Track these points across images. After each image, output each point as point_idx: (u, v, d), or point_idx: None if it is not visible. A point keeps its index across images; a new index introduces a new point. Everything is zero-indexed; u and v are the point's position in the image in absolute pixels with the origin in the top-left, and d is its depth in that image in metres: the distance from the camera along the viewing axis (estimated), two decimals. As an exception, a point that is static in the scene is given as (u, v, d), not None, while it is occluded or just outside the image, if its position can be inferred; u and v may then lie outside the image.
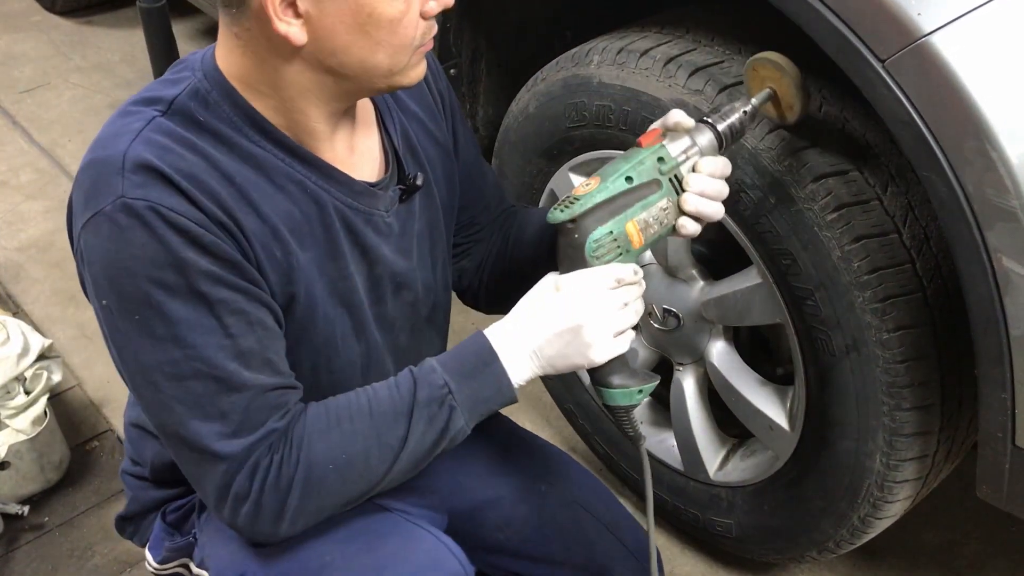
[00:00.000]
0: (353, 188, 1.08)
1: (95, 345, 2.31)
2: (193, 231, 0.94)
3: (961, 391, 1.29)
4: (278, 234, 1.02)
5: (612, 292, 1.03)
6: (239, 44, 0.99)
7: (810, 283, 1.28)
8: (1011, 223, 1.00)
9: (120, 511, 1.36)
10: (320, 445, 1.00)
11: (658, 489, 1.73)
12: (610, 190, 1.03)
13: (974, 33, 0.99)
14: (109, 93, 3.42)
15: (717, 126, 1.08)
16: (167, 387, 0.96)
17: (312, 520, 1.03)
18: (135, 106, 1.02)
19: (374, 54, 0.97)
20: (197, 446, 0.98)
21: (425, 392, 1.02)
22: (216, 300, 0.96)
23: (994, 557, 1.75)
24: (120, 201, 0.94)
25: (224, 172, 0.98)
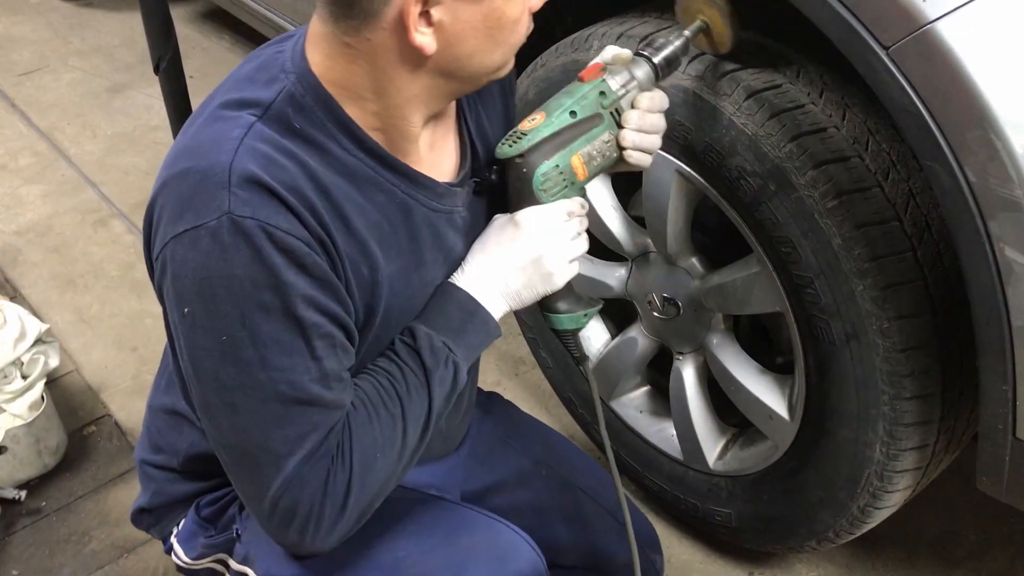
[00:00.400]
0: (437, 191, 1.07)
1: (93, 330, 2.31)
2: (298, 251, 0.92)
3: (962, 381, 1.28)
4: (366, 250, 1.00)
5: (565, 224, 1.08)
6: (349, 52, 0.95)
7: (810, 271, 1.27)
8: (1014, 213, 0.99)
9: (140, 502, 1.32)
10: (368, 440, 0.99)
11: (657, 478, 1.73)
12: (555, 125, 1.06)
13: (980, 20, 0.98)
14: (108, 76, 3.41)
15: (653, 59, 1.11)
16: (245, 407, 0.95)
17: (364, 516, 1.02)
18: (228, 110, 0.98)
19: (492, 55, 0.98)
20: (266, 465, 0.96)
21: (431, 359, 1.03)
22: (309, 324, 0.94)
23: (993, 548, 1.74)
24: (227, 218, 0.90)
25: (321, 184, 0.96)
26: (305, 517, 0.97)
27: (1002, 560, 1.72)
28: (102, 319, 2.35)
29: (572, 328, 1.14)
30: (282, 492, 0.96)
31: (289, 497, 0.96)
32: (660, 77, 1.11)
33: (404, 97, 0.99)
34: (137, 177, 2.87)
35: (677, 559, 1.76)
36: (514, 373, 2.17)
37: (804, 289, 1.29)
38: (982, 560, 1.72)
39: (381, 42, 0.94)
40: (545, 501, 1.37)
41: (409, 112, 1.00)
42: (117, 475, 1.93)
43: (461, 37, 0.94)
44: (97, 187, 2.83)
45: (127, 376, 2.17)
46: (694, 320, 1.55)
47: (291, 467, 0.96)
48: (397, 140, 1.02)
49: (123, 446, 2.00)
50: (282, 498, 0.97)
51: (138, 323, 2.33)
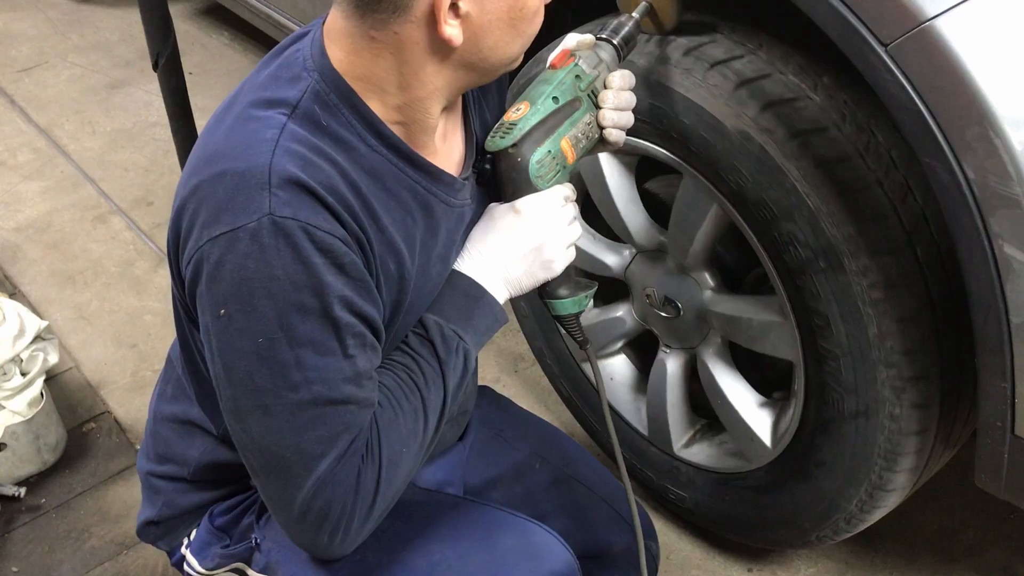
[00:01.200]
0: (455, 187, 1.08)
1: (92, 326, 2.31)
2: (337, 250, 0.93)
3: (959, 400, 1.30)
4: (394, 246, 1.01)
5: (563, 209, 1.09)
6: (373, 46, 0.95)
7: (838, 348, 1.27)
8: (1013, 210, 0.99)
9: (147, 515, 1.29)
10: (394, 436, 1.00)
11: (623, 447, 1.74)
12: (541, 112, 1.08)
13: (978, 18, 0.98)
14: (107, 73, 3.41)
15: (613, 40, 1.15)
16: (279, 409, 0.94)
17: (386, 511, 1.02)
18: (257, 110, 0.97)
19: (513, 46, 1.00)
20: (297, 466, 0.95)
21: (443, 348, 1.04)
22: (344, 324, 0.94)
23: (992, 544, 1.74)
24: (268, 219, 0.90)
25: (353, 182, 0.96)
26: (337, 518, 0.97)
27: (1001, 557, 1.72)
28: (101, 316, 2.35)
29: (575, 312, 1.16)
30: (314, 493, 0.96)
31: (321, 498, 0.96)
32: (622, 57, 1.16)
33: (427, 90, 0.99)
34: (136, 173, 2.87)
35: (676, 555, 1.76)
36: (513, 369, 2.17)
37: (827, 360, 1.30)
38: (980, 557, 1.73)
39: (408, 35, 0.94)
40: (542, 492, 1.37)
41: (431, 104, 1.01)
42: (116, 472, 1.93)
43: (487, 29, 0.96)
44: (96, 183, 2.83)
45: (126, 373, 2.18)
46: (692, 326, 1.55)
47: (323, 468, 0.95)
48: (417, 133, 1.03)
49: (122, 443, 2.00)
50: (314, 499, 0.96)
51: (137, 319, 2.33)
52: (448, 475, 1.29)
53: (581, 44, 1.13)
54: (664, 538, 1.76)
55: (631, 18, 1.18)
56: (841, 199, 1.21)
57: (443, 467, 1.29)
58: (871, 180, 1.21)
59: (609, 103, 1.11)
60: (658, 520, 1.78)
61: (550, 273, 1.10)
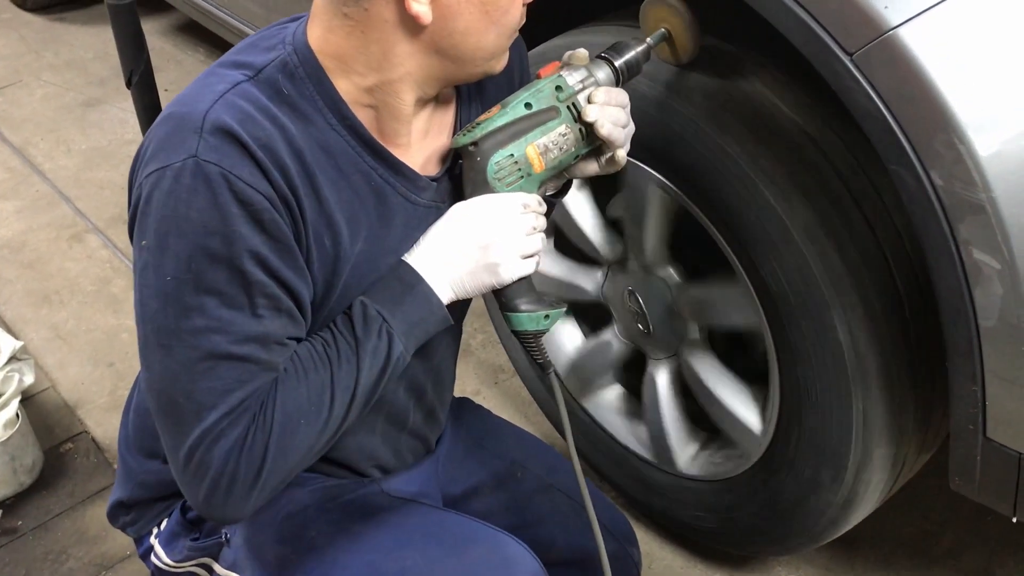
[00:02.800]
0: (418, 183, 1.08)
1: (69, 346, 2.29)
2: (257, 204, 0.93)
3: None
4: (332, 222, 1.01)
5: (520, 215, 1.06)
6: (346, 23, 0.97)
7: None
8: (980, 216, 1.00)
9: (118, 495, 1.28)
10: (292, 402, 0.98)
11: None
12: (509, 115, 1.06)
13: (941, 26, 0.99)
14: (82, 91, 3.39)
15: (614, 62, 1.12)
16: (178, 352, 0.95)
17: (280, 484, 1.00)
18: (222, 68, 1.01)
19: (487, 35, 1.00)
20: (187, 414, 0.96)
21: (362, 327, 1.02)
22: (254, 280, 0.94)
23: (970, 547, 1.76)
24: (192, 160, 0.92)
25: (296, 148, 0.97)
26: (218, 474, 0.96)
27: (979, 558, 1.74)
28: (78, 335, 2.33)
29: (532, 330, 1.11)
30: (198, 443, 0.96)
31: (204, 450, 0.96)
32: (620, 81, 1.13)
33: (398, 73, 1.00)
34: (112, 191, 2.86)
35: (659, 563, 1.76)
36: (493, 381, 2.17)
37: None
38: (959, 559, 1.74)
39: (378, 12, 0.96)
40: (523, 501, 1.37)
41: (402, 89, 1.01)
42: (95, 492, 1.92)
43: (456, 10, 0.96)
44: (72, 202, 2.81)
45: (104, 392, 2.16)
46: (670, 325, 1.55)
47: (211, 420, 0.95)
48: (388, 120, 1.03)
49: (100, 462, 1.98)
50: (197, 449, 0.96)
51: (114, 338, 2.31)
52: (423, 486, 1.28)
53: (573, 57, 1.11)
54: (647, 546, 1.77)
55: (642, 42, 1.14)
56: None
57: (416, 478, 1.28)
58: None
59: (591, 116, 1.08)
60: (639, 528, 1.78)
61: (496, 279, 1.06)
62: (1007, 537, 1.76)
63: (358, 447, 1.20)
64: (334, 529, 1.15)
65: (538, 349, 1.13)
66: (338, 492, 1.19)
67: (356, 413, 1.03)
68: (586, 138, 1.09)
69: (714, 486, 1.59)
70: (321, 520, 1.16)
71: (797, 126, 1.25)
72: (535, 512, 1.37)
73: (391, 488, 1.24)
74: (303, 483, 1.18)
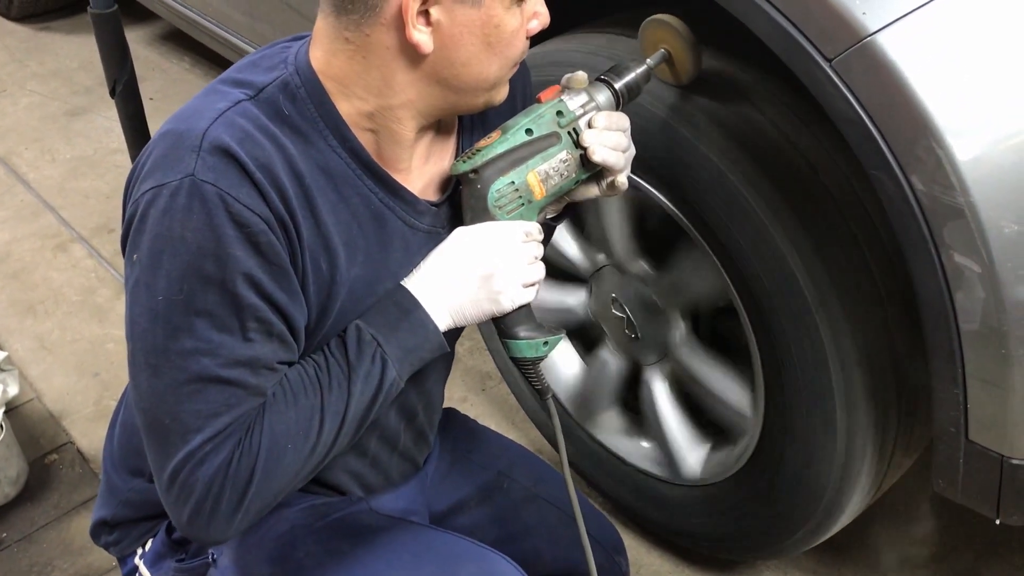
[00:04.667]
0: (417, 208, 1.06)
1: (54, 356, 2.28)
2: (253, 227, 0.92)
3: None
4: (329, 246, 1.00)
5: (523, 245, 1.05)
6: (348, 48, 0.97)
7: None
8: (959, 220, 1.01)
9: (101, 514, 1.26)
10: (280, 427, 0.97)
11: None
12: (510, 142, 1.05)
13: (919, 31, 1.00)
14: (67, 100, 3.38)
15: (614, 84, 1.10)
16: (166, 373, 0.94)
17: (265, 508, 0.99)
18: (223, 85, 1.00)
19: (489, 66, 0.99)
20: (173, 438, 0.95)
21: (356, 351, 1.00)
22: (246, 304, 0.93)
23: (956, 549, 1.76)
24: (188, 179, 0.91)
25: (296, 170, 0.96)
26: (201, 497, 0.95)
27: (965, 561, 1.74)
28: (63, 345, 2.32)
29: (531, 357, 1.09)
30: (182, 465, 0.95)
31: (188, 472, 0.95)
32: (621, 103, 1.11)
33: (399, 100, 0.99)
34: (98, 201, 2.85)
35: (646, 569, 1.76)
36: (481, 388, 2.17)
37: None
38: (945, 561, 1.74)
39: (379, 38, 0.95)
40: (510, 513, 1.36)
41: (403, 116, 1.01)
42: (80, 503, 1.91)
43: (458, 40, 0.96)
44: (57, 211, 2.80)
45: (89, 402, 2.15)
46: (654, 321, 1.56)
47: (196, 443, 0.94)
48: (388, 145, 1.03)
49: (86, 473, 1.97)
50: (181, 472, 0.95)
51: (100, 348, 2.30)
52: (410, 503, 1.28)
53: (573, 80, 1.10)
54: (634, 552, 1.77)
55: (642, 64, 1.13)
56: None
57: (405, 495, 1.27)
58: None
59: (590, 139, 1.06)
60: (626, 534, 1.78)
61: (497, 307, 1.05)
62: (992, 539, 1.77)
63: (347, 468, 1.19)
64: (322, 549, 1.14)
65: (536, 375, 1.12)
66: (326, 511, 1.18)
67: (347, 438, 1.01)
68: (587, 163, 1.07)
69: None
70: (309, 540, 1.15)
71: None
72: (522, 524, 1.36)
73: (379, 506, 1.23)
74: (290, 502, 1.16)
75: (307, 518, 1.17)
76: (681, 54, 1.19)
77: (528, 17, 1.00)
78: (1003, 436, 1.10)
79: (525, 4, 0.99)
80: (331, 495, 1.21)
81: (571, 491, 1.15)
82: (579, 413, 1.78)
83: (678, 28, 1.17)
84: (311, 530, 1.16)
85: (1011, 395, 1.07)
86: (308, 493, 1.19)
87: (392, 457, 1.23)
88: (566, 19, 1.54)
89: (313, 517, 1.17)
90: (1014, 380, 1.05)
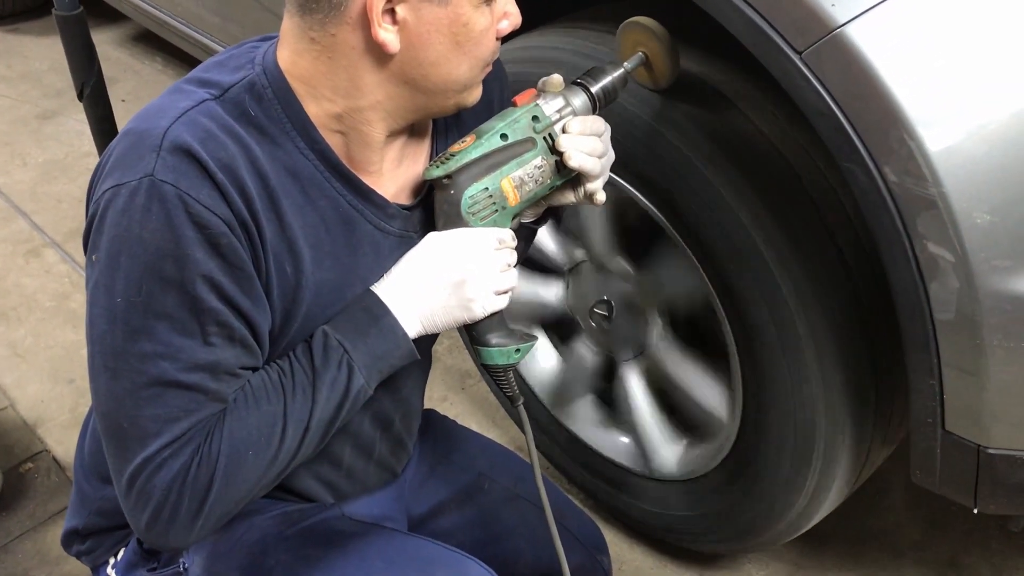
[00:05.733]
0: (387, 211, 1.05)
1: (27, 364, 2.25)
2: (214, 228, 0.90)
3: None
4: (294, 248, 0.98)
5: (496, 252, 1.04)
6: (314, 48, 0.95)
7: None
8: (932, 210, 1.01)
9: (73, 523, 1.23)
10: (241, 432, 0.95)
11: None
12: (485, 147, 1.03)
13: (888, 23, 1.00)
14: (37, 103, 3.34)
15: (591, 88, 1.09)
16: (124, 376, 0.92)
17: (226, 515, 0.98)
18: (188, 85, 0.99)
19: (459, 66, 0.97)
20: (131, 443, 0.93)
21: (321, 357, 0.98)
22: (207, 307, 0.91)
23: (936, 538, 1.77)
24: (148, 179, 0.90)
25: (260, 169, 0.95)
26: (160, 503, 0.94)
27: (945, 549, 1.75)
28: (37, 352, 2.29)
29: (503, 364, 1.08)
30: (140, 470, 0.93)
31: (146, 478, 0.93)
32: (597, 107, 1.09)
33: (368, 101, 0.98)
34: (70, 204, 2.81)
35: (629, 565, 1.76)
36: (460, 387, 2.16)
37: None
38: (925, 550, 1.75)
39: (345, 38, 0.94)
40: (490, 514, 1.35)
41: (372, 118, 0.99)
42: (56, 512, 1.88)
43: (425, 39, 0.94)
44: (28, 216, 2.77)
45: (64, 409, 2.12)
46: (632, 314, 1.56)
47: (154, 448, 0.93)
48: (358, 147, 1.01)
49: (62, 482, 1.95)
50: (139, 476, 0.94)
51: (74, 354, 2.27)
52: (386, 509, 1.26)
53: (548, 84, 1.08)
54: (616, 548, 1.76)
55: (619, 68, 1.11)
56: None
57: (380, 501, 1.26)
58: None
59: (565, 146, 1.04)
60: (608, 531, 1.78)
61: (469, 315, 1.03)
62: (971, 528, 1.78)
63: (320, 478, 1.18)
64: (294, 557, 1.13)
65: (508, 382, 1.11)
66: (298, 517, 1.17)
67: (312, 445, 1.00)
68: (562, 169, 1.06)
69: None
70: (281, 548, 1.13)
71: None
72: (502, 525, 1.35)
73: (353, 512, 1.21)
74: (262, 509, 1.15)
75: (278, 525, 1.15)
76: (659, 57, 1.17)
77: (498, 17, 0.99)
78: (979, 426, 1.11)
79: (495, 3, 0.97)
80: (304, 503, 1.19)
81: (543, 496, 1.14)
82: (556, 407, 1.77)
83: (656, 31, 1.15)
84: (282, 537, 1.14)
85: (986, 385, 1.07)
86: (280, 500, 1.18)
87: (368, 466, 1.21)
88: (536, 17, 1.53)
89: (285, 524, 1.16)
90: (989, 370, 1.06)
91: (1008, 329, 1.03)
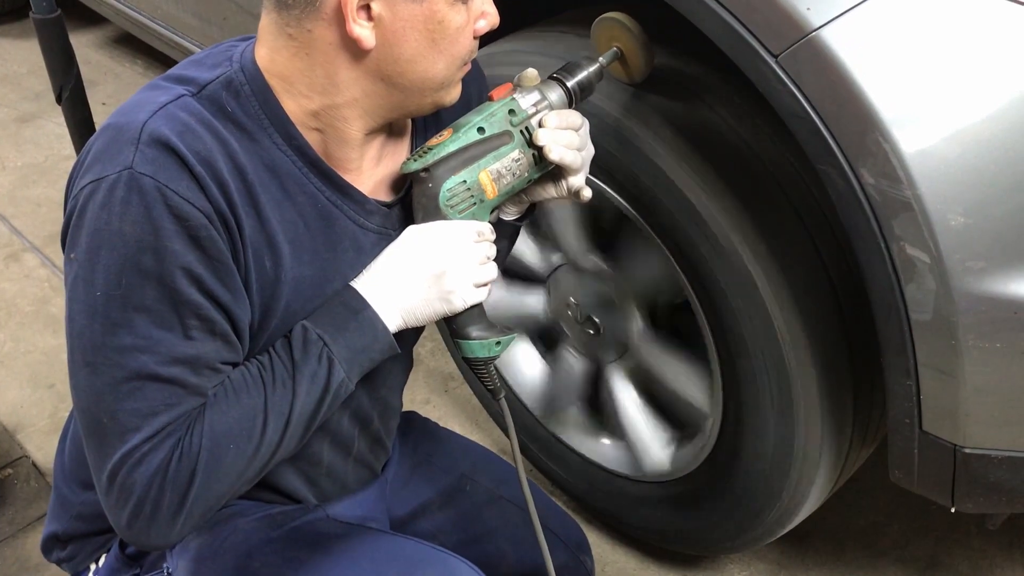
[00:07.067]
0: (366, 207, 1.05)
1: (6, 369, 2.23)
2: (193, 220, 0.91)
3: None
4: (273, 243, 0.98)
5: (475, 245, 1.04)
6: (291, 44, 0.96)
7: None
8: (907, 212, 1.02)
9: (52, 528, 1.22)
10: (222, 427, 0.95)
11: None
12: (462, 140, 1.04)
13: (863, 26, 1.00)
14: (16, 106, 3.32)
15: (567, 82, 1.10)
16: (104, 371, 0.92)
17: (207, 511, 0.97)
18: (165, 82, 0.99)
19: (435, 64, 0.98)
20: (111, 438, 0.93)
21: (301, 350, 0.99)
22: (186, 300, 0.92)
23: (916, 537, 1.78)
24: (127, 172, 0.90)
25: (239, 164, 0.95)
26: (140, 499, 0.93)
27: (925, 548, 1.76)
28: (16, 357, 2.27)
29: (484, 356, 1.09)
30: (120, 466, 0.93)
31: (126, 473, 0.93)
32: (574, 102, 1.10)
33: (344, 98, 0.98)
34: (50, 208, 2.80)
35: (612, 566, 1.76)
36: (443, 389, 2.16)
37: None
38: (906, 549, 1.76)
39: (321, 34, 0.94)
40: (472, 516, 1.35)
41: (349, 116, 0.99)
42: (36, 518, 1.87)
43: (401, 36, 0.94)
44: (8, 220, 2.75)
45: (44, 415, 2.11)
46: (613, 316, 1.56)
47: (134, 443, 0.92)
48: (336, 144, 1.01)
49: (41, 487, 1.93)
50: (119, 472, 0.93)
51: (55, 359, 2.26)
52: (369, 510, 1.26)
53: (523, 78, 1.09)
54: (599, 549, 1.77)
55: (594, 62, 1.12)
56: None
57: (363, 502, 1.26)
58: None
59: (544, 140, 1.05)
60: (591, 531, 1.78)
61: (449, 307, 1.04)
62: (951, 526, 1.79)
63: (301, 475, 1.17)
64: (279, 559, 1.13)
65: (488, 375, 1.11)
66: (282, 519, 1.16)
67: (294, 440, 1.00)
68: (539, 162, 1.07)
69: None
70: (266, 550, 1.13)
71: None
72: (485, 526, 1.35)
73: (336, 513, 1.21)
74: (245, 512, 1.15)
75: (263, 528, 1.15)
76: (633, 52, 1.19)
77: (475, 16, 0.99)
78: (955, 426, 1.11)
79: (472, 2, 0.98)
80: (287, 503, 1.19)
81: (526, 492, 1.14)
82: (542, 412, 1.77)
83: (630, 26, 1.17)
84: (267, 540, 1.14)
85: (962, 385, 1.07)
86: (264, 502, 1.18)
87: (347, 464, 1.21)
88: (516, 19, 1.53)
89: (270, 527, 1.15)
90: (964, 370, 1.06)
91: (983, 330, 1.04)
